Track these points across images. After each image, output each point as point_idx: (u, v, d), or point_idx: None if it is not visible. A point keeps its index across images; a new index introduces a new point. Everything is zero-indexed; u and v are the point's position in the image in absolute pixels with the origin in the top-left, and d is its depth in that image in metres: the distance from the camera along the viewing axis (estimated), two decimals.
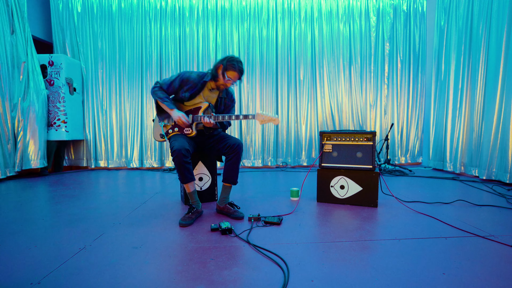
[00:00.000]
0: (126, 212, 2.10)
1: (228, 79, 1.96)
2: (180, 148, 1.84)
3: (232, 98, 2.21)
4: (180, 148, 1.85)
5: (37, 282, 1.16)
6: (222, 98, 2.14)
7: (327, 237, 1.61)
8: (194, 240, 1.58)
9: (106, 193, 2.73)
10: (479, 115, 3.33)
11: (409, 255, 1.39)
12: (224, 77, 1.96)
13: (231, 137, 2.10)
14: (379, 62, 4.36)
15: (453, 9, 3.74)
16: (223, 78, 1.97)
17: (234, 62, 1.94)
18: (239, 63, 1.96)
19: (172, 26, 4.23)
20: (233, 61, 1.94)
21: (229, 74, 1.95)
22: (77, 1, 4.13)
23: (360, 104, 4.39)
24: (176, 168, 1.89)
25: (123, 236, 1.64)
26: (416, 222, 1.85)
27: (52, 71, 3.78)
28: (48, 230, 1.74)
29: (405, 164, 4.43)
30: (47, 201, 2.43)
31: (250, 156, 4.37)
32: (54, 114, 3.79)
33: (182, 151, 1.84)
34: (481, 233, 1.65)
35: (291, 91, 4.35)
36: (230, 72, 1.94)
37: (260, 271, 1.24)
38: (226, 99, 2.17)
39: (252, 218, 1.88)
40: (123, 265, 1.30)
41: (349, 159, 2.26)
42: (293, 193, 2.44)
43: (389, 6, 4.34)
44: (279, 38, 4.31)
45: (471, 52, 3.48)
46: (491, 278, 1.18)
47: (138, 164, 4.27)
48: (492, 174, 3.07)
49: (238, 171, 2.09)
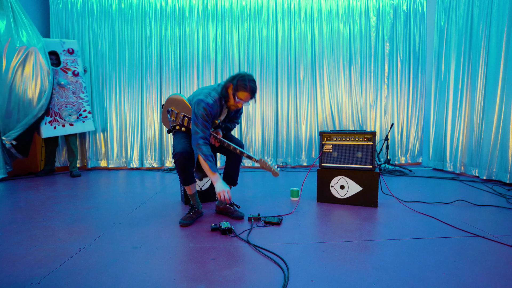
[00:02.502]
0: (126, 212, 2.10)
1: (239, 100, 1.81)
2: (182, 152, 1.81)
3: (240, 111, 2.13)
4: (182, 151, 1.81)
5: (37, 282, 1.15)
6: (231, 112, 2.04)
7: (327, 237, 1.61)
8: (194, 240, 1.58)
9: (106, 193, 2.73)
10: (479, 115, 3.33)
11: (409, 255, 1.39)
12: (235, 98, 1.80)
13: (233, 137, 2.10)
14: (379, 62, 4.36)
15: (453, 9, 3.74)
16: (234, 100, 1.82)
17: (245, 81, 1.75)
18: (251, 82, 1.78)
19: (172, 26, 4.23)
20: (244, 80, 1.76)
21: (240, 95, 1.79)
22: (77, 0, 4.13)
23: (360, 104, 4.39)
24: (178, 171, 1.88)
25: (123, 236, 1.64)
26: (416, 222, 1.85)
27: (67, 59, 3.54)
28: (48, 230, 1.74)
29: (405, 164, 4.43)
30: (47, 201, 2.43)
31: None
32: (79, 106, 3.61)
33: (184, 154, 1.81)
34: (481, 233, 1.65)
35: (291, 91, 4.35)
36: (241, 93, 1.78)
37: (260, 271, 1.24)
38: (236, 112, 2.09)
39: (252, 218, 1.88)
40: (123, 265, 1.30)
41: (349, 159, 2.26)
42: (293, 193, 2.44)
43: (389, 6, 4.34)
44: (279, 38, 4.31)
45: (471, 52, 3.48)
46: (491, 278, 1.18)
47: (138, 164, 4.27)
48: (492, 174, 3.07)
49: (239, 172, 2.09)
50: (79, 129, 3.65)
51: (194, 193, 1.96)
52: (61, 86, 3.47)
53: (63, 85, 3.48)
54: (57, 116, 3.47)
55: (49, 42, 3.46)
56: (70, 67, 3.56)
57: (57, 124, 3.48)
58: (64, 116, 3.50)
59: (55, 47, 3.49)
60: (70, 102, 3.56)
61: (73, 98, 3.56)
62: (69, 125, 3.56)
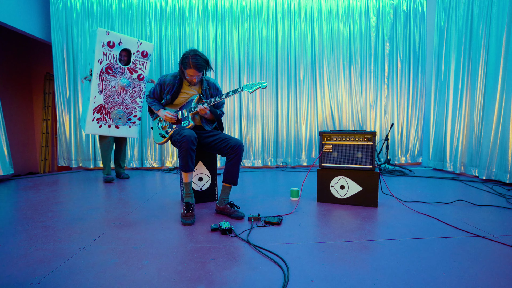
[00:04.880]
0: (126, 212, 2.10)
1: (188, 76, 2.02)
2: (190, 135, 1.92)
3: (215, 87, 2.25)
4: (190, 135, 1.92)
5: (37, 282, 1.15)
6: (205, 89, 2.19)
7: (327, 237, 1.61)
8: (194, 240, 1.58)
9: (106, 193, 2.73)
10: (479, 115, 3.33)
11: (409, 255, 1.39)
12: (185, 75, 2.03)
13: (232, 137, 2.11)
14: (379, 62, 4.36)
15: (453, 9, 3.74)
16: (185, 76, 2.05)
17: (187, 59, 1.94)
18: (193, 59, 1.93)
19: (172, 26, 4.23)
20: (187, 58, 1.94)
21: (188, 72, 2.00)
22: (76, 1, 4.13)
23: (360, 104, 4.39)
24: (182, 154, 1.92)
25: (123, 236, 1.64)
26: (416, 222, 1.85)
27: (138, 60, 3.30)
28: (48, 230, 1.74)
29: (405, 164, 4.43)
30: (47, 201, 2.43)
31: (250, 156, 4.37)
32: (131, 110, 3.34)
33: (191, 138, 1.92)
34: (481, 233, 1.65)
35: (291, 91, 4.35)
36: (188, 70, 1.99)
37: (260, 271, 1.24)
38: (211, 90, 2.22)
39: (252, 218, 1.88)
40: (123, 265, 1.30)
41: (349, 159, 2.26)
42: (293, 193, 2.44)
43: (389, 6, 4.34)
44: (279, 38, 4.31)
45: (471, 52, 3.48)
46: (491, 278, 1.18)
47: (138, 164, 4.27)
48: (492, 174, 3.07)
49: (239, 172, 2.09)
50: (123, 133, 3.35)
51: (189, 182, 2.02)
52: (121, 86, 3.23)
53: (124, 86, 3.24)
54: (106, 115, 3.21)
55: (126, 40, 3.20)
56: (137, 70, 3.33)
57: (104, 123, 3.21)
58: (113, 117, 3.25)
59: (131, 46, 3.24)
60: (124, 104, 3.29)
61: (128, 101, 3.32)
62: (114, 127, 3.29)
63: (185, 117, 2.17)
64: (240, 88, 2.05)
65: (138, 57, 3.30)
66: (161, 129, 2.26)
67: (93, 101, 3.11)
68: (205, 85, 2.19)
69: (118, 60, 3.18)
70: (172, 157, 4.37)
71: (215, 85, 2.26)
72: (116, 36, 3.13)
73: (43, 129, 5.46)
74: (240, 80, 4.32)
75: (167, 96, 2.18)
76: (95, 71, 3.07)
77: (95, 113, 3.15)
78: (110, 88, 3.18)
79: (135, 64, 3.30)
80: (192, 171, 2.01)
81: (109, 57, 3.12)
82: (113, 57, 3.14)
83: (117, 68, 3.19)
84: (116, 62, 3.17)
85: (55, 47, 4.12)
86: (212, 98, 2.09)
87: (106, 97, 3.18)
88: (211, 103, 2.08)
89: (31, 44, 5.51)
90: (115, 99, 3.25)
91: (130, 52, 3.25)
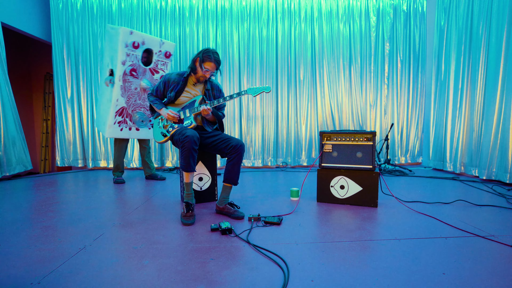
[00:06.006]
0: (126, 212, 2.10)
1: (206, 70, 2.07)
2: (193, 135, 1.93)
3: (218, 88, 2.29)
4: (193, 135, 1.93)
5: (37, 282, 1.15)
6: (208, 90, 2.23)
7: (327, 237, 1.61)
8: (194, 240, 1.58)
9: (106, 193, 2.73)
10: (479, 115, 3.33)
11: (409, 255, 1.39)
12: (202, 68, 2.07)
13: (233, 138, 2.12)
14: (379, 62, 4.36)
15: (453, 9, 3.74)
16: (201, 70, 2.08)
17: (210, 53, 2.05)
18: (215, 54, 2.07)
19: (172, 26, 4.23)
20: (208, 52, 2.06)
21: (206, 65, 2.06)
22: (77, 1, 4.13)
23: (360, 104, 4.39)
24: (184, 154, 1.93)
25: (123, 236, 1.64)
26: (416, 222, 1.85)
27: (160, 60, 3.20)
28: (48, 230, 1.74)
29: (405, 164, 4.43)
30: (47, 200, 2.43)
31: (250, 156, 4.37)
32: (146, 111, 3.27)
33: (194, 138, 1.93)
34: (481, 233, 1.65)
35: (291, 91, 4.35)
36: (207, 64, 2.05)
37: (260, 271, 1.24)
38: (214, 91, 2.26)
39: (252, 218, 1.88)
40: (123, 265, 1.30)
41: (349, 159, 2.26)
42: (293, 193, 2.44)
43: (389, 6, 4.34)
44: (279, 38, 4.31)
45: (471, 52, 3.47)
46: (491, 278, 1.18)
47: (138, 164, 4.27)
48: (492, 174, 3.07)
49: (239, 172, 2.10)
50: (143, 135, 3.28)
51: (190, 182, 2.02)
52: (143, 88, 3.13)
53: (146, 88, 3.13)
54: (127, 118, 3.13)
55: (149, 40, 3.10)
56: (159, 70, 3.23)
57: (125, 126, 3.13)
58: (134, 119, 3.17)
59: (153, 46, 3.13)
60: (145, 106, 3.21)
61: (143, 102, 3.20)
62: (135, 129, 3.21)
63: (187, 117, 2.17)
64: (244, 91, 2.08)
65: (160, 57, 3.20)
66: (162, 128, 2.26)
67: (115, 103, 3.02)
68: (208, 86, 2.23)
69: (140, 60, 3.08)
70: (172, 157, 4.37)
71: (218, 86, 2.29)
72: (140, 35, 3.02)
73: (43, 129, 5.46)
74: (240, 80, 4.32)
75: (171, 94, 2.19)
76: (118, 73, 2.96)
77: (116, 116, 3.06)
78: (132, 90, 3.09)
79: (157, 65, 3.20)
80: (194, 171, 2.01)
81: (132, 58, 3.02)
82: (136, 58, 3.04)
83: (140, 69, 3.10)
84: (138, 63, 3.08)
85: (55, 47, 4.12)
86: (216, 100, 2.11)
87: (128, 99, 3.09)
88: (214, 104, 2.11)
89: (31, 44, 5.51)
90: (136, 101, 3.16)
91: (150, 52, 3.14)
